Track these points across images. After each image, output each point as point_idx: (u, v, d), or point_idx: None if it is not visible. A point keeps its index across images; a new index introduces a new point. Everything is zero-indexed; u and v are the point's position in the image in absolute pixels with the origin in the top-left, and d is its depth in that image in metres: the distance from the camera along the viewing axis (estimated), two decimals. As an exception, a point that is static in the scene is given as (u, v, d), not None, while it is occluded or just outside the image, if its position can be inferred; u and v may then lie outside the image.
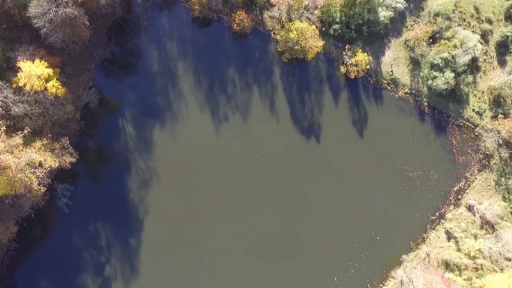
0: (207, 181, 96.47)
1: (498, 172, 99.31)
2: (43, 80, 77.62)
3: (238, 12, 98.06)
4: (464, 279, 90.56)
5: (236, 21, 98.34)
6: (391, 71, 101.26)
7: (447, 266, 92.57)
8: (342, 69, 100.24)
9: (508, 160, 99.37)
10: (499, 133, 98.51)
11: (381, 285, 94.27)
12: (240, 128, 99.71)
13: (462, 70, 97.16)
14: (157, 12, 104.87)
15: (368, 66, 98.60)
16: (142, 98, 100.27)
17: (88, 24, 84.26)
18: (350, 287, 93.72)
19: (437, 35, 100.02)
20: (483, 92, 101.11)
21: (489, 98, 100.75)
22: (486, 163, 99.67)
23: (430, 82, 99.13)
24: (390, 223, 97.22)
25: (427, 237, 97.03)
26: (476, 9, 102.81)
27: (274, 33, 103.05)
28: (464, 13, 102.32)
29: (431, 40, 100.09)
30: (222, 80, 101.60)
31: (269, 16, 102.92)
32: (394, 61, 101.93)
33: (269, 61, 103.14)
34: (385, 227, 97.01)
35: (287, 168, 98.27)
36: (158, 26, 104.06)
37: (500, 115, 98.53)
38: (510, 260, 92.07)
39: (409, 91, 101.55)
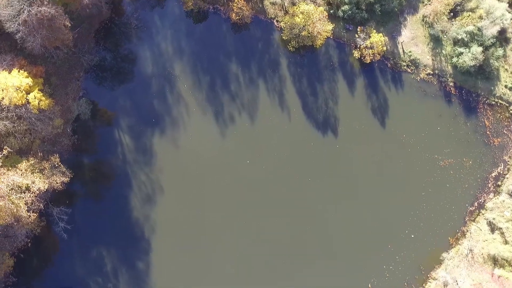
0: (218, 191, 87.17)
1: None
2: (23, 92, 68.24)
3: (236, 1, 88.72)
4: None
5: (235, 10, 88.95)
6: (410, 51, 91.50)
7: (495, 261, 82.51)
8: (356, 54, 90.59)
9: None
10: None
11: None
12: (248, 128, 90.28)
13: (491, 43, 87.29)
14: (148, 9, 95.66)
15: (384, 48, 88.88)
16: (138, 105, 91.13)
17: (70, 25, 74.94)
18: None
19: (459, 7, 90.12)
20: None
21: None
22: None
23: (454, 59, 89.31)
24: (424, 218, 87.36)
25: (468, 231, 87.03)
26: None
27: (277, 21, 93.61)
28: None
29: (451, 13, 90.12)
30: (223, 78, 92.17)
31: (270, 3, 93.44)
32: (412, 40, 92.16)
33: (274, 52, 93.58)
34: (418, 223, 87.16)
35: (305, 168, 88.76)
36: (150, 25, 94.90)
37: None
38: None
39: (431, 72, 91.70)
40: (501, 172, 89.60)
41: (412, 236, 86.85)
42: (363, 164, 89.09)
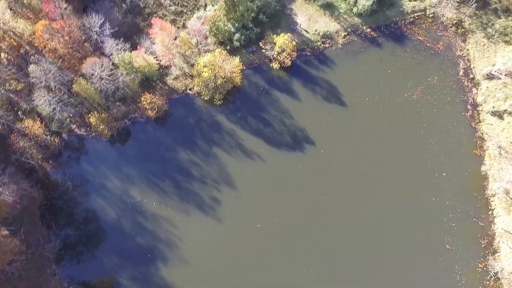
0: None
1: (480, 27, 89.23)
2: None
3: (143, 98, 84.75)
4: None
5: (148, 107, 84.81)
6: (316, 30, 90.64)
7: None
8: (275, 65, 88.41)
9: (477, 12, 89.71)
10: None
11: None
12: (237, 196, 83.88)
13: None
14: (74, 165, 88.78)
15: (294, 43, 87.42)
16: (127, 252, 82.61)
17: (10, 232, 67.05)
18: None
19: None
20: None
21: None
22: (463, 30, 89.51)
23: (355, 9, 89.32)
24: (441, 152, 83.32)
25: (483, 133, 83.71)
26: None
27: (190, 89, 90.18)
28: None
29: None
30: (182, 171, 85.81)
31: (173, 79, 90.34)
32: (310, 21, 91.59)
33: (207, 116, 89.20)
34: (440, 158, 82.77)
35: (306, 188, 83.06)
36: (86, 175, 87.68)
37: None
38: None
39: (346, 33, 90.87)
40: (466, 66, 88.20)
41: (444, 174, 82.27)
42: (353, 151, 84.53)
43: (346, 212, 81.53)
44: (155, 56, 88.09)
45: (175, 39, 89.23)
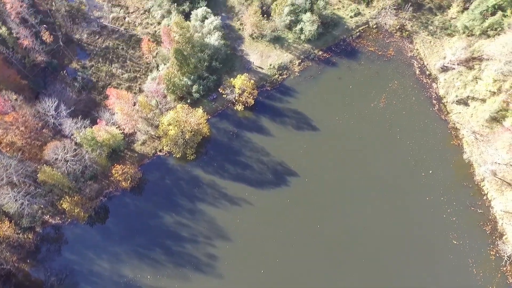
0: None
1: (422, 27, 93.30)
2: None
3: (114, 170, 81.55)
4: None
5: (120, 178, 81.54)
6: (270, 64, 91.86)
7: (497, 119, 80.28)
8: (239, 107, 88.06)
9: (415, 14, 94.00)
10: (384, 9, 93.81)
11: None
12: (232, 246, 79.85)
13: (309, 4, 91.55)
14: (55, 256, 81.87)
15: (252, 81, 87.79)
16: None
17: None
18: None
19: (265, 7, 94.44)
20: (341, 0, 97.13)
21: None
22: (407, 32, 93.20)
23: (302, 36, 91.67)
24: (422, 151, 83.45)
25: (455, 123, 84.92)
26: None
27: (160, 151, 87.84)
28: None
29: (265, 15, 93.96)
30: (169, 236, 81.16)
31: (140, 144, 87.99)
32: (262, 57, 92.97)
33: (183, 174, 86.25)
34: (422, 155, 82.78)
35: (305, 226, 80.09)
36: (70, 264, 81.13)
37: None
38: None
39: (300, 60, 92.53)
40: (420, 64, 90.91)
41: (430, 171, 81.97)
42: (336, 172, 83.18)
43: (346, 235, 78.84)
44: (117, 126, 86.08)
45: (134, 104, 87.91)
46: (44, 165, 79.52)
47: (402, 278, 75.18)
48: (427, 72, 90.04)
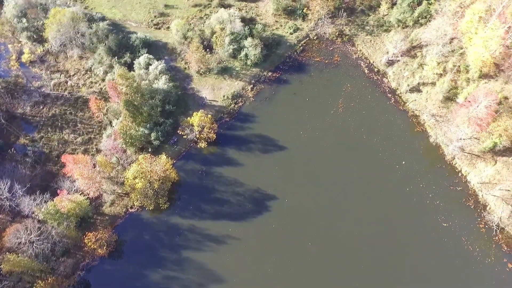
0: None
1: (359, 29, 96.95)
2: None
3: (86, 239, 76.32)
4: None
5: (95, 246, 76.36)
6: (223, 95, 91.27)
7: (450, 99, 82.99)
8: (202, 144, 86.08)
9: (350, 18, 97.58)
10: (320, 20, 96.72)
11: None
12: (233, 286, 75.94)
13: (248, 30, 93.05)
14: None
15: (209, 116, 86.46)
16: None
17: None
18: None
19: (206, 42, 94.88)
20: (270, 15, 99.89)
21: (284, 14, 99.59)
22: (347, 37, 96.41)
23: (249, 62, 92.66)
24: (392, 152, 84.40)
25: (413, 111, 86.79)
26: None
27: (131, 208, 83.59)
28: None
29: (207, 50, 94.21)
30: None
31: (109, 206, 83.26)
32: (214, 90, 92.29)
33: (161, 225, 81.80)
34: (396, 151, 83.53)
35: (296, 247, 77.73)
36: None
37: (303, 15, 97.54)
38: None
39: (252, 85, 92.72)
40: (366, 64, 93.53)
41: (403, 162, 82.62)
42: (314, 187, 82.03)
43: (339, 245, 76.94)
44: (80, 192, 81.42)
45: (94, 166, 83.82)
46: (7, 253, 72.93)
47: (403, 278, 73.67)
48: (375, 69, 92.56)
